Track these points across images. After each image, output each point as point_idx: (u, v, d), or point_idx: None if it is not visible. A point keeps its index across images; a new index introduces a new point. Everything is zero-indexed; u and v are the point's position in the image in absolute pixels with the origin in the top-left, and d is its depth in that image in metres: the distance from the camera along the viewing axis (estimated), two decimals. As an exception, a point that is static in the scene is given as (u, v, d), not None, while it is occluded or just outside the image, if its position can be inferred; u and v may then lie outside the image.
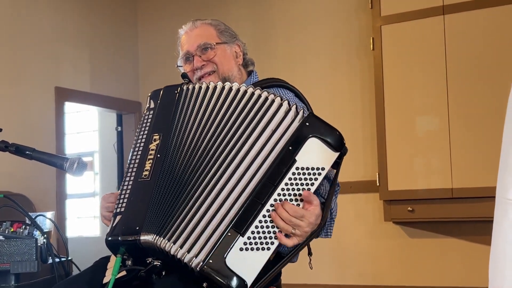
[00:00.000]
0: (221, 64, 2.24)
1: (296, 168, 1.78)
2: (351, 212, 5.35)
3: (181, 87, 2.02)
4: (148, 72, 6.45)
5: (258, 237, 1.72)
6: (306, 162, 1.79)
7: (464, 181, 4.60)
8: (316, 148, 1.81)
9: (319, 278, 5.33)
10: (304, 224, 1.77)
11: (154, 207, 1.81)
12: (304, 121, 1.83)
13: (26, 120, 5.22)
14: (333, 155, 1.82)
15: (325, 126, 1.86)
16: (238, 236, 1.71)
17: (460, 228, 4.95)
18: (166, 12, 6.36)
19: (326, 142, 1.82)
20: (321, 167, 1.79)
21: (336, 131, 1.85)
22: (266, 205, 1.74)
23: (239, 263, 1.69)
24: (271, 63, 5.66)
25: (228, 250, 1.69)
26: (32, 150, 2.24)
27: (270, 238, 1.73)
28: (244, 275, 1.68)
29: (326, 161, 1.80)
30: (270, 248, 1.72)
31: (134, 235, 1.78)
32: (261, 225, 1.73)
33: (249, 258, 1.70)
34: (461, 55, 4.68)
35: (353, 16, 5.45)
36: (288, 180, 1.77)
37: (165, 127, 1.94)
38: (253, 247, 1.71)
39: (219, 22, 2.35)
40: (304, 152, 1.79)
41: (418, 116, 4.82)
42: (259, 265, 1.71)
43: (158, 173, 1.86)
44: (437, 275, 5.03)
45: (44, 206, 5.12)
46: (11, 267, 2.14)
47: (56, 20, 5.66)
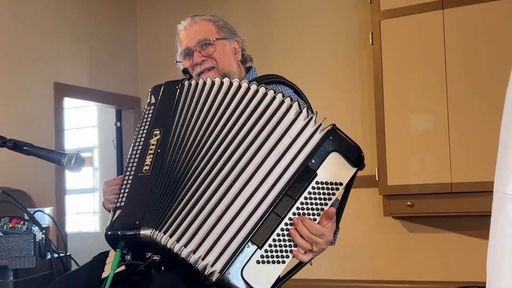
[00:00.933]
0: (221, 60, 2.23)
1: (316, 182, 1.77)
2: (350, 207, 5.30)
3: (182, 83, 2.00)
4: (147, 67, 6.44)
5: (275, 250, 1.72)
6: (326, 176, 1.78)
7: (463, 176, 4.60)
8: (337, 163, 1.80)
9: (319, 273, 5.34)
10: (323, 241, 1.78)
11: (154, 202, 1.80)
12: (328, 134, 1.82)
13: (25, 116, 5.21)
14: (352, 170, 1.82)
15: (348, 142, 1.85)
16: (256, 249, 1.70)
17: (459, 223, 4.95)
18: (165, 7, 6.35)
19: (347, 158, 1.81)
20: (339, 182, 1.79)
21: (357, 148, 1.85)
22: (285, 219, 1.74)
23: (255, 276, 1.69)
24: (270, 58, 5.65)
25: (246, 262, 1.69)
26: (30, 145, 2.24)
27: (286, 252, 1.74)
28: (259, 287, 1.70)
29: (345, 176, 1.80)
30: (285, 262, 1.73)
31: (134, 229, 1.77)
32: (279, 238, 1.73)
33: (264, 271, 1.71)
34: (460, 49, 4.68)
35: (352, 11, 5.45)
36: (307, 194, 1.76)
37: (166, 122, 1.92)
38: (270, 260, 1.71)
39: (218, 18, 2.34)
40: (325, 166, 1.78)
41: (418, 111, 4.82)
42: (273, 278, 1.72)
43: (158, 168, 1.85)
44: (437, 269, 5.04)
45: (44, 201, 5.12)
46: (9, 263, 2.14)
47: (55, 16, 5.65)
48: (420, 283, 5.08)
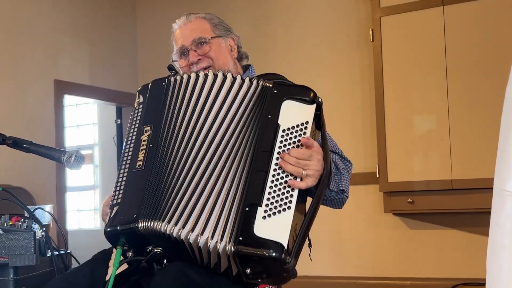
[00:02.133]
0: (217, 58, 2.23)
1: (283, 130, 1.83)
2: (351, 204, 5.28)
3: (168, 79, 2.04)
4: (147, 64, 6.43)
5: (275, 201, 1.75)
6: (289, 122, 1.84)
7: (464, 173, 4.60)
8: (293, 108, 1.87)
9: (319, 270, 5.34)
10: (314, 162, 1.80)
11: (150, 194, 1.83)
12: (272, 91, 1.89)
13: (25, 113, 5.21)
14: (311, 108, 1.87)
15: (292, 87, 1.95)
16: (256, 207, 1.73)
17: (459, 219, 4.95)
18: (165, 4, 6.35)
19: (299, 100, 1.88)
20: (304, 121, 1.84)
21: (305, 87, 1.91)
22: (270, 171, 1.78)
23: (268, 230, 1.70)
24: (269, 55, 5.65)
25: (253, 223, 1.71)
26: (29, 143, 2.24)
27: (286, 198, 1.75)
28: (277, 238, 1.69)
29: (306, 115, 1.86)
30: (291, 207, 1.74)
31: (132, 222, 1.79)
32: (274, 189, 1.76)
33: (275, 222, 1.72)
34: (460, 46, 4.67)
35: (353, 7, 5.44)
36: (280, 143, 1.82)
37: (155, 118, 1.97)
38: (275, 211, 1.73)
39: (213, 15, 2.34)
40: (284, 115, 1.85)
41: (418, 107, 4.81)
42: (287, 225, 1.71)
43: (151, 161, 1.89)
44: (437, 266, 5.04)
45: (44, 199, 5.13)
46: (9, 261, 2.14)
47: (55, 13, 5.64)
48: (421, 279, 5.08)
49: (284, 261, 1.68)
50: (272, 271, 1.75)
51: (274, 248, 1.67)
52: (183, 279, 1.76)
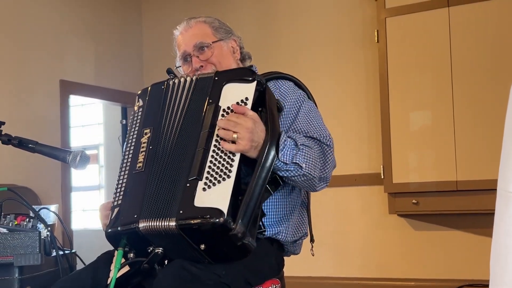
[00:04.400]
0: (219, 63, 2.24)
1: (223, 110, 1.89)
2: (355, 205, 5.35)
3: (167, 83, 2.07)
4: (152, 64, 6.44)
5: (214, 173, 1.79)
6: (229, 102, 1.90)
7: (469, 174, 4.59)
8: (233, 89, 1.94)
9: (323, 270, 5.34)
10: (243, 126, 1.81)
11: (150, 194, 1.85)
12: (213, 77, 1.98)
13: (31, 114, 5.22)
14: (251, 85, 1.91)
15: (232, 71, 2.05)
16: (196, 181, 1.78)
17: (465, 221, 4.94)
18: (170, 4, 6.35)
19: (239, 80, 1.94)
20: (244, 98, 1.89)
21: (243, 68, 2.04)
22: (211, 147, 1.83)
23: (207, 200, 1.74)
24: (274, 55, 5.65)
25: (193, 196, 1.76)
26: (35, 143, 2.25)
27: (226, 169, 1.79)
28: (215, 205, 1.72)
29: (246, 92, 1.91)
30: (230, 176, 1.77)
31: (133, 223, 1.80)
32: (213, 163, 1.80)
33: (214, 192, 1.76)
34: (466, 47, 4.66)
35: (358, 8, 5.44)
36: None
37: (155, 121, 2.00)
38: (214, 182, 1.77)
39: (213, 19, 2.34)
40: (224, 97, 1.92)
41: (423, 108, 4.80)
42: (227, 193, 1.74)
43: (151, 162, 1.91)
44: (442, 267, 5.03)
45: (49, 199, 5.14)
46: (14, 260, 2.15)
47: (60, 13, 5.65)
48: (425, 280, 5.07)
49: (226, 226, 1.70)
50: (223, 242, 1.75)
51: (212, 214, 1.70)
52: (183, 273, 1.77)
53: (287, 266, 2.27)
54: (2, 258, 2.16)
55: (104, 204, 2.09)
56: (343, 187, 5.24)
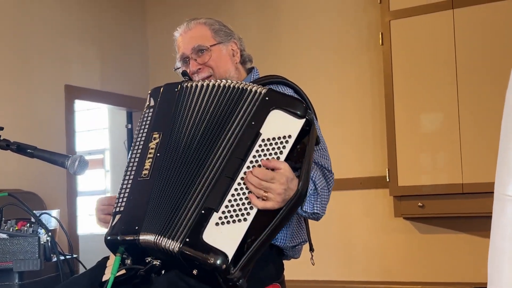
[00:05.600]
0: (217, 67, 2.22)
1: (262, 140, 1.78)
2: (360, 208, 5.33)
3: (181, 85, 2.00)
4: (157, 69, 6.45)
5: (232, 210, 1.71)
6: (271, 133, 1.79)
7: (475, 176, 4.56)
8: (280, 119, 1.82)
9: (328, 274, 5.32)
10: (275, 186, 1.73)
11: (154, 206, 1.80)
12: (264, 97, 1.84)
13: (36, 119, 5.23)
14: (298, 122, 1.81)
15: (285, 97, 1.88)
16: (212, 212, 1.71)
17: (471, 224, 4.92)
18: (175, 8, 6.36)
19: (289, 112, 1.82)
20: (287, 135, 1.79)
21: (298, 100, 1.87)
22: (237, 179, 1.74)
23: (217, 238, 1.68)
24: (278, 58, 5.64)
25: (204, 226, 1.69)
26: (33, 148, 2.25)
27: (245, 210, 1.72)
28: (223, 248, 1.66)
29: (292, 128, 1.80)
30: (247, 219, 1.71)
31: (133, 234, 1.78)
32: (234, 198, 1.73)
33: (226, 231, 1.69)
34: (470, 49, 4.65)
35: (362, 11, 5.43)
36: (255, 152, 1.77)
37: (165, 125, 1.93)
38: (229, 220, 1.70)
39: (214, 21, 2.31)
40: (268, 124, 1.80)
41: (428, 111, 4.79)
42: (237, 237, 1.69)
43: (157, 172, 1.85)
44: (448, 271, 5.00)
45: (55, 203, 5.14)
46: (13, 265, 2.14)
47: (65, 18, 5.67)
48: (431, 284, 5.05)
49: (227, 271, 1.66)
50: (216, 279, 1.70)
51: (216, 256, 1.65)
52: (180, 284, 1.75)
53: (290, 270, 2.26)
54: (2, 263, 2.16)
55: (102, 198, 2.07)
56: (348, 190, 5.23)
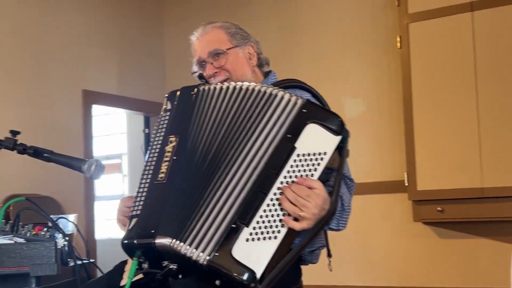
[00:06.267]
0: (234, 70, 2.20)
1: (297, 155, 1.75)
2: (379, 213, 5.29)
3: (198, 88, 1.99)
4: (175, 73, 6.45)
5: (264, 226, 1.69)
6: (306, 148, 1.76)
7: (495, 180, 4.52)
8: (316, 134, 1.78)
9: (347, 279, 5.29)
10: (311, 205, 1.71)
11: (170, 210, 1.80)
12: (301, 108, 1.81)
13: (54, 123, 5.26)
14: (335, 139, 1.78)
15: (323, 111, 1.84)
16: (243, 227, 1.68)
17: (490, 228, 4.87)
18: (192, 13, 6.36)
19: (326, 127, 1.79)
20: (323, 151, 1.76)
21: (335, 115, 1.82)
22: (270, 194, 1.72)
23: (246, 254, 1.66)
24: (296, 62, 5.63)
25: (233, 242, 1.67)
26: (50, 152, 2.25)
27: (276, 227, 1.69)
28: (252, 265, 1.65)
29: (328, 145, 1.77)
30: (277, 237, 1.68)
31: (150, 238, 1.77)
32: (266, 214, 1.70)
33: (256, 249, 1.67)
34: (490, 52, 4.60)
35: (380, 14, 5.40)
36: (289, 167, 1.74)
37: (182, 128, 1.92)
38: (260, 237, 1.68)
39: (230, 24, 2.30)
40: (304, 138, 1.77)
41: (447, 114, 4.74)
42: (267, 255, 1.67)
43: (174, 175, 1.85)
44: (468, 276, 4.96)
45: (73, 208, 5.16)
46: (30, 270, 2.14)
47: (83, 23, 5.69)
48: (451, 289, 5.01)
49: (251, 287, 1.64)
50: None
51: (245, 274, 1.63)
52: None
53: (308, 274, 2.24)
54: (19, 268, 2.15)
55: (125, 199, 2.07)
56: (366, 194, 5.19)
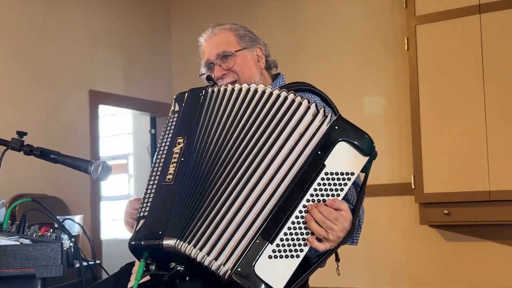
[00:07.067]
0: (242, 72, 2.20)
1: (325, 173, 1.75)
2: (385, 216, 5.27)
3: (206, 90, 2.00)
4: (181, 74, 6.45)
5: (287, 244, 1.69)
6: (335, 167, 1.75)
7: (502, 183, 4.50)
8: (346, 153, 1.77)
9: (353, 283, 5.27)
10: (338, 228, 1.73)
11: (177, 211, 1.80)
12: (333, 125, 1.80)
13: (60, 124, 5.26)
14: (363, 159, 1.79)
15: (354, 130, 1.82)
16: (266, 243, 1.68)
17: (498, 232, 4.85)
18: (199, 14, 6.36)
19: (356, 146, 1.78)
20: (350, 172, 1.76)
21: (365, 135, 1.81)
22: (295, 211, 1.71)
23: (268, 271, 1.66)
24: (303, 64, 5.61)
25: (256, 258, 1.67)
26: (56, 153, 2.24)
27: (299, 246, 1.70)
28: (273, 283, 1.66)
29: (356, 165, 1.77)
30: (299, 256, 1.69)
31: (157, 239, 1.77)
32: (290, 232, 1.70)
33: (278, 266, 1.68)
34: (498, 54, 4.58)
35: (388, 16, 5.38)
36: (317, 185, 1.74)
37: (190, 130, 1.92)
38: (282, 255, 1.68)
39: (239, 26, 2.29)
40: (333, 156, 1.76)
41: (454, 117, 4.72)
42: (288, 273, 1.68)
43: (181, 177, 1.85)
44: (475, 279, 4.93)
45: (79, 208, 5.16)
46: (36, 272, 2.13)
47: (90, 23, 5.70)
48: (457, 293, 4.99)
49: None
50: None
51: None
52: None
53: (315, 277, 2.22)
54: (25, 269, 2.14)
55: (133, 202, 2.06)
56: (372, 197, 5.16)
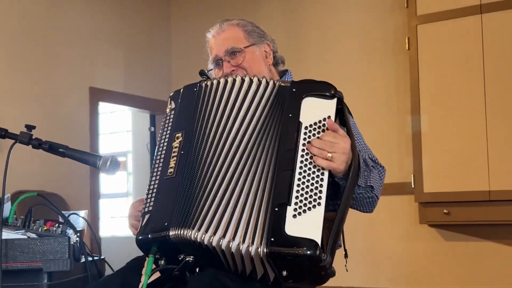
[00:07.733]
0: (250, 68, 2.20)
1: (305, 127, 1.80)
2: (385, 215, 5.28)
3: (200, 85, 2.02)
4: (181, 72, 6.45)
5: (304, 198, 1.71)
6: (311, 119, 1.81)
7: (502, 183, 4.51)
8: (313, 104, 1.84)
9: (353, 281, 5.27)
10: (339, 146, 1.75)
11: (181, 202, 1.81)
12: (291, 89, 1.87)
13: (60, 120, 5.26)
14: (331, 103, 1.84)
15: (310, 84, 1.90)
16: (285, 207, 1.69)
17: (497, 232, 4.86)
18: (199, 12, 6.36)
19: (320, 95, 1.84)
20: (326, 116, 1.81)
21: (323, 82, 1.88)
22: (296, 169, 1.74)
23: (300, 228, 1.67)
24: (304, 63, 5.62)
25: (283, 223, 1.68)
26: (65, 147, 2.24)
27: (316, 194, 1.71)
28: (310, 235, 1.65)
29: (328, 110, 1.82)
30: (321, 203, 1.70)
31: (164, 231, 1.77)
32: (302, 187, 1.72)
33: (306, 220, 1.68)
34: (499, 54, 4.60)
35: (389, 16, 5.39)
36: (303, 141, 1.78)
37: (187, 124, 1.95)
38: (305, 209, 1.69)
39: (246, 22, 2.30)
40: (305, 112, 1.82)
41: (455, 117, 4.73)
42: (319, 222, 1.68)
43: (183, 168, 1.86)
44: (474, 279, 4.94)
45: (78, 205, 5.15)
46: (43, 266, 2.13)
47: (90, 21, 5.69)
48: (457, 292, 5.00)
49: (319, 258, 1.65)
50: (309, 271, 1.71)
51: (308, 245, 1.64)
52: (215, 284, 1.74)
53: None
54: (32, 263, 2.15)
55: (136, 204, 2.06)
56: (372, 196, 5.18)
